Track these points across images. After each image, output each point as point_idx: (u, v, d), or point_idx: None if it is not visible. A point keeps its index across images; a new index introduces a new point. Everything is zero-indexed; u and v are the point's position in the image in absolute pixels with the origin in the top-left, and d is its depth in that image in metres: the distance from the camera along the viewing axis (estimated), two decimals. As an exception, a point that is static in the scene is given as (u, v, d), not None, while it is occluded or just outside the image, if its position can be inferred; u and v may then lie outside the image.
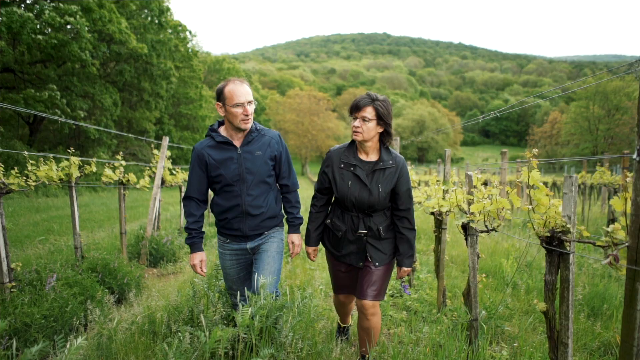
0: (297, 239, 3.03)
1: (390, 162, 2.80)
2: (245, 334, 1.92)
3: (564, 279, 2.06)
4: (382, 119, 2.71)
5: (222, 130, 2.87)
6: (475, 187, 3.37)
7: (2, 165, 3.55)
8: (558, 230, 2.06)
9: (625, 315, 1.67)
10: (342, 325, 3.46)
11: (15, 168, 3.78)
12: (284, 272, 5.57)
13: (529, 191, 2.34)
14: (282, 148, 2.94)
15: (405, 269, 2.93)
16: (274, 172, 2.92)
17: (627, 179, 1.75)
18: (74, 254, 4.82)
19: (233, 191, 2.78)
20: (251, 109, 2.72)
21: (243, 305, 2.08)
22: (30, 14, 15.55)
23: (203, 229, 2.92)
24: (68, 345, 1.85)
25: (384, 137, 2.82)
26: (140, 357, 2.93)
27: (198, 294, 3.40)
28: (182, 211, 8.81)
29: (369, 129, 2.70)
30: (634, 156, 1.62)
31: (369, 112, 2.69)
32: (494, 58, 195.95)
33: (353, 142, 2.87)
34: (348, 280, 3.07)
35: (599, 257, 3.32)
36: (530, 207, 2.25)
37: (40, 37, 16.38)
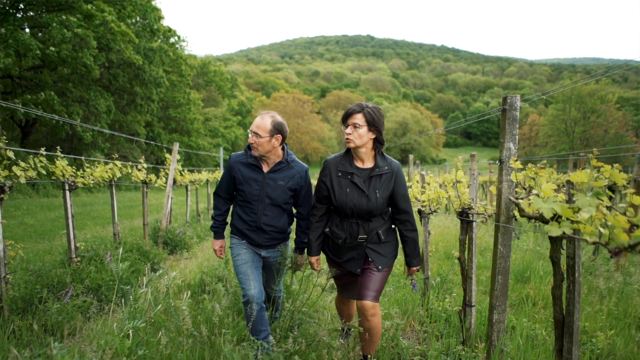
0: (300, 259, 3.26)
1: (386, 167, 2.85)
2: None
3: (470, 238, 3.31)
4: (373, 124, 2.76)
5: None
6: (428, 183, 4.65)
7: (74, 167, 4.69)
8: (466, 207, 3.31)
9: (493, 253, 2.91)
10: (344, 325, 3.35)
11: (82, 169, 4.92)
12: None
13: (457, 184, 3.61)
14: (305, 183, 3.14)
15: (414, 268, 3.09)
16: (292, 200, 3.16)
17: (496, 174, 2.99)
18: (113, 239, 5.95)
19: (252, 208, 3.06)
20: (257, 140, 2.92)
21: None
22: (37, 43, 16.55)
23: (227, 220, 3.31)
24: (166, 277, 3.00)
25: (377, 145, 2.88)
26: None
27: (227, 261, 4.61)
28: (192, 203, 9.96)
29: (361, 135, 2.76)
30: (497, 162, 2.86)
31: (358, 118, 2.75)
32: (476, 61, 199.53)
33: (349, 150, 2.91)
34: (350, 284, 3.13)
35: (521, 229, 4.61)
36: (451, 194, 3.50)
37: (49, 50, 17.36)
